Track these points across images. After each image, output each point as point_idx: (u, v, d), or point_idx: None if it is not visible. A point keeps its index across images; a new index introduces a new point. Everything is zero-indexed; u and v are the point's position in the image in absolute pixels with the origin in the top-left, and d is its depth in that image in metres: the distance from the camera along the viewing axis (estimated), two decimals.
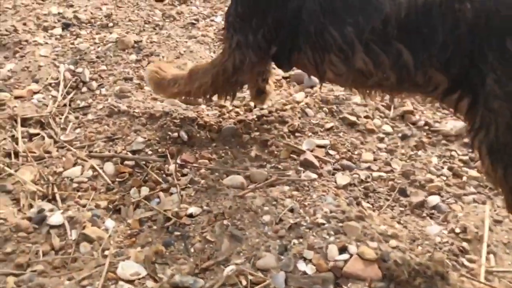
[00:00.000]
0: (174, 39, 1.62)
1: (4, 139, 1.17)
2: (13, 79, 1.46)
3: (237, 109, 1.27)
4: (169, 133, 1.16)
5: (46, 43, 1.66)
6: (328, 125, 1.23)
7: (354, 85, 0.92)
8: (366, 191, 1.07)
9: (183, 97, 1.18)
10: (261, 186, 1.05)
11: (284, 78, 1.45)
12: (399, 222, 0.98)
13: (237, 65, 0.99)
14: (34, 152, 1.15)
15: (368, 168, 1.13)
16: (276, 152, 1.15)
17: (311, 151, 1.15)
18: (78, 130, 1.24)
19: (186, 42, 1.63)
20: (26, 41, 1.65)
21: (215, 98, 1.15)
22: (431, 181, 1.07)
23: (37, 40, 1.66)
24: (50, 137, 1.21)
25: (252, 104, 1.28)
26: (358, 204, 1.03)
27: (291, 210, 0.98)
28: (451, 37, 0.72)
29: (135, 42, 1.56)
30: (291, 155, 1.14)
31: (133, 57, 1.50)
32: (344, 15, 0.80)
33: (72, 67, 1.49)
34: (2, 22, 1.84)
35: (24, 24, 1.79)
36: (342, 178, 1.09)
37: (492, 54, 0.69)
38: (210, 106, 1.29)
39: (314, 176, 1.09)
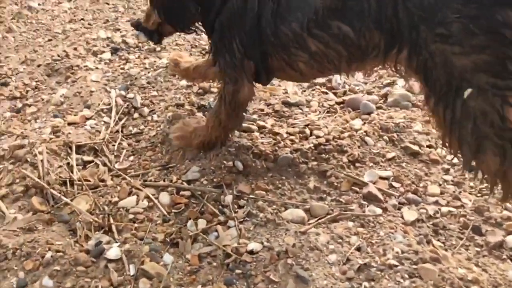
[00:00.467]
0: None
1: (60, 166, 1.16)
2: (65, 104, 1.47)
3: (291, 137, 1.23)
4: (224, 162, 1.13)
5: (97, 68, 1.67)
6: (389, 155, 1.17)
7: (323, 68, 1.02)
8: (435, 228, 1.00)
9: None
10: (323, 221, 0.99)
11: (338, 103, 1.41)
12: (477, 265, 0.91)
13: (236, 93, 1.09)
14: (89, 181, 1.14)
15: (436, 203, 1.05)
16: (336, 184, 1.09)
17: (374, 183, 1.09)
18: (131, 158, 1.23)
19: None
20: (77, 66, 1.67)
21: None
22: (509, 218, 0.99)
23: (87, 65, 1.68)
24: (104, 164, 1.20)
25: (307, 131, 1.24)
26: (429, 242, 0.96)
27: (358, 249, 0.92)
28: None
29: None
30: (353, 187, 1.09)
31: (184, 82, 1.49)
32: (288, 16, 0.98)
33: (123, 92, 1.49)
34: (53, 47, 1.88)
35: (75, 49, 1.82)
36: (409, 213, 1.02)
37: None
38: (263, 133, 1.25)
39: (379, 211, 1.03)
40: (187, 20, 1.13)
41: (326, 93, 1.47)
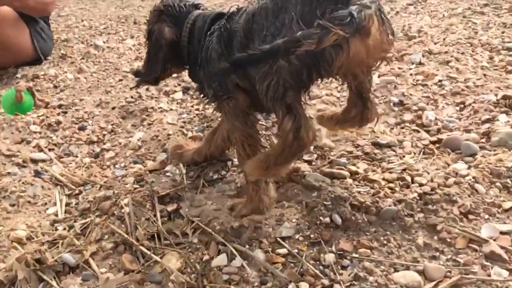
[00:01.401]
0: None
1: (147, 219, 1.12)
2: (143, 148, 1.45)
3: (390, 184, 1.12)
4: (321, 216, 1.04)
5: (171, 109, 1.65)
6: (506, 205, 1.03)
7: None
8: None
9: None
10: (444, 286, 0.88)
11: (433, 143, 1.29)
12: None
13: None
14: (176, 234, 1.09)
15: None
16: (449, 240, 0.97)
17: (495, 239, 0.96)
18: (214, 206, 1.17)
19: (313, 103, 1.53)
20: (152, 108, 1.66)
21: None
22: None
23: (162, 106, 1.66)
24: (188, 217, 1.14)
25: (408, 178, 1.13)
26: None
27: None
28: None
29: None
30: (470, 244, 0.96)
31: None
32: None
33: (201, 134, 1.45)
34: (124, 87, 1.89)
35: (147, 89, 1.82)
36: None
37: None
38: (357, 180, 1.16)
39: (505, 273, 0.90)
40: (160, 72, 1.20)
41: (418, 131, 1.35)
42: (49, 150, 1.49)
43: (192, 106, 1.68)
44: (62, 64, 2.32)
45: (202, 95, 1.16)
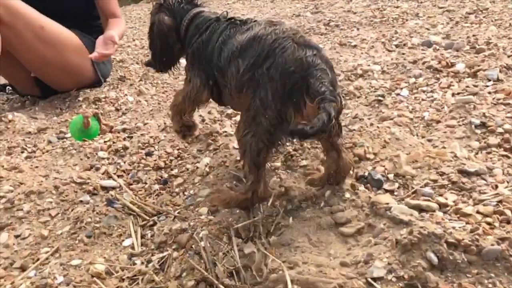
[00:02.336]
0: (373, 125, 1.46)
1: (225, 254, 1.08)
2: (211, 175, 1.42)
3: (487, 219, 1.03)
4: (414, 255, 0.96)
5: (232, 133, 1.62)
6: None
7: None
8: None
9: None
10: None
11: None
12: None
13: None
14: (260, 271, 1.04)
15: None
16: None
17: None
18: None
19: (386, 126, 1.46)
20: (217, 132, 1.63)
21: None
22: None
23: (226, 130, 1.64)
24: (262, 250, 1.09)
25: (508, 212, 1.03)
26: None
27: None
28: None
29: None
30: None
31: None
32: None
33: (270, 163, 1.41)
34: None
35: (209, 112, 1.81)
36: None
37: None
38: (448, 213, 1.07)
39: None
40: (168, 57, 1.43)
41: (508, 157, 1.25)
42: (118, 176, 1.50)
43: None
44: (121, 86, 2.36)
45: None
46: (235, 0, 5.33)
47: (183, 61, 1.45)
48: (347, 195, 1.18)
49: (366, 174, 1.26)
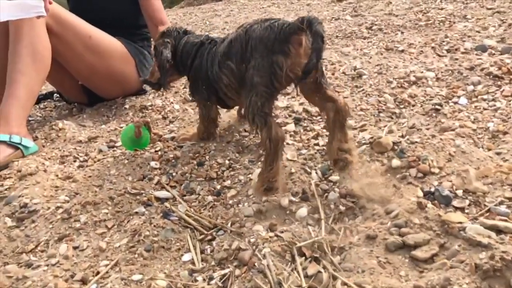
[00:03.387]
0: (436, 137, 1.39)
1: (289, 274, 1.05)
2: None
3: None
4: (497, 283, 0.90)
5: (287, 143, 1.59)
6: None
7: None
8: None
9: None
10: None
11: None
12: None
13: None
14: None
15: None
16: None
17: None
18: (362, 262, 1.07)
19: (449, 138, 1.39)
20: None
21: None
22: None
23: None
24: (330, 270, 1.05)
25: None
26: None
27: None
28: None
29: (394, 143, 1.38)
30: None
31: (397, 162, 1.31)
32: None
33: (326, 175, 1.37)
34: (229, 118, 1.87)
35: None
36: None
37: None
38: None
39: None
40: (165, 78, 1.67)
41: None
42: (171, 187, 1.49)
43: (308, 140, 1.61)
44: (166, 94, 2.37)
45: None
46: (271, 4, 5.31)
47: None
48: (415, 217, 1.12)
49: (433, 189, 1.20)
